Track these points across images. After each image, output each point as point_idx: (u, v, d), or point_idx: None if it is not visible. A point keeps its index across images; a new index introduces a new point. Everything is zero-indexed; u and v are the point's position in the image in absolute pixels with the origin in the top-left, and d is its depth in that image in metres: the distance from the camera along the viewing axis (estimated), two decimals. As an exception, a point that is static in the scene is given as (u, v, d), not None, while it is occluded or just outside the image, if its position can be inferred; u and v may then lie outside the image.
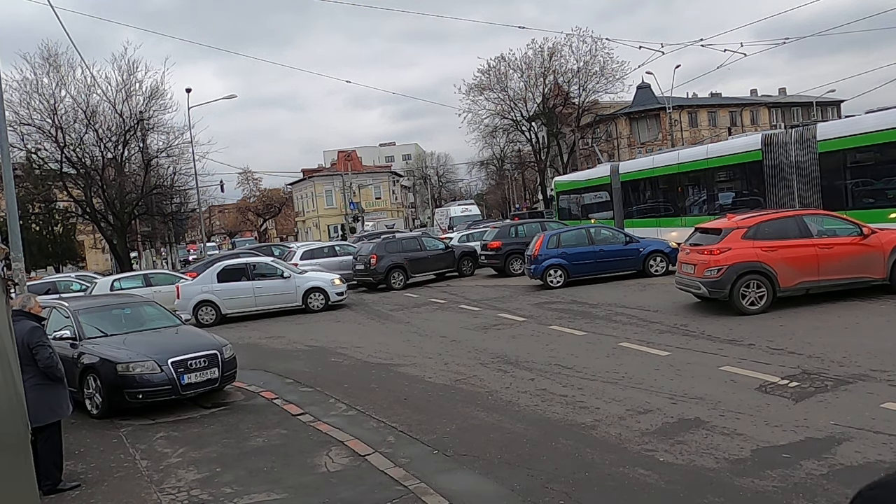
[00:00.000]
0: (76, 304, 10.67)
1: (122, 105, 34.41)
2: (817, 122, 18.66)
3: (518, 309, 15.27)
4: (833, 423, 6.23)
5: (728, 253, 11.75)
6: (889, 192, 14.84)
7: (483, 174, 79.45)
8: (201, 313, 18.06)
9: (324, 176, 75.67)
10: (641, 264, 18.47)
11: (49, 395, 6.37)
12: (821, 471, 5.30)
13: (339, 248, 27.18)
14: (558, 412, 7.54)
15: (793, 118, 57.05)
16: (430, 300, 18.76)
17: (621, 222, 24.83)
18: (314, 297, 18.82)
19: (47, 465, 6.30)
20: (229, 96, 61.38)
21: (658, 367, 8.94)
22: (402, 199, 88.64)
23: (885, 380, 7.32)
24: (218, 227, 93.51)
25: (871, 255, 11.75)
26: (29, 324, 6.45)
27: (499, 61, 51.79)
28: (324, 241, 48.74)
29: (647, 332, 11.30)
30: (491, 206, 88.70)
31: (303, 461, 6.78)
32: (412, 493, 5.68)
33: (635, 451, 6.17)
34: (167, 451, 7.57)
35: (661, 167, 23.34)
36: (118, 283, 20.78)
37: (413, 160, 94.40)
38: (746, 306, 11.63)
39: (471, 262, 24.15)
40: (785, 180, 17.63)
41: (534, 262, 18.41)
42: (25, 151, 33.66)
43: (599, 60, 49.45)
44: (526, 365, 9.91)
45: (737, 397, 7.32)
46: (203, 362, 9.19)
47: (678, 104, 51.93)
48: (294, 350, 13.59)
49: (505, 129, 54.98)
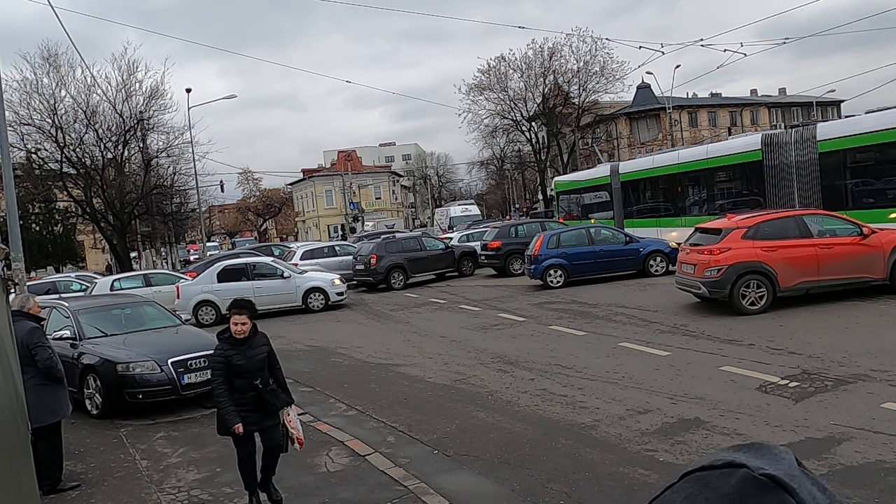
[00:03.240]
0: (76, 304, 10.67)
1: (122, 105, 34.47)
2: (817, 122, 18.67)
3: (518, 309, 15.27)
4: (833, 423, 6.24)
5: (728, 253, 11.75)
6: (889, 192, 14.83)
7: (483, 174, 79.49)
8: (201, 313, 18.05)
9: (324, 176, 75.63)
10: (641, 264, 18.47)
11: (49, 395, 6.36)
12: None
13: (339, 248, 27.19)
14: (558, 412, 7.54)
15: (793, 118, 57.03)
16: (430, 300, 18.76)
17: (621, 222, 24.83)
18: (314, 297, 18.82)
19: (47, 465, 6.30)
20: (229, 96, 61.08)
21: (658, 367, 8.94)
22: (402, 199, 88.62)
23: (885, 380, 7.32)
24: (218, 227, 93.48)
25: (871, 255, 11.75)
26: (28, 324, 6.44)
27: (499, 61, 51.81)
28: (324, 241, 48.74)
29: (647, 332, 11.30)
30: (491, 206, 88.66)
31: (303, 461, 6.77)
32: (412, 493, 5.69)
33: (635, 451, 6.17)
34: (167, 451, 7.57)
35: (661, 167, 23.34)
36: (118, 283, 20.78)
37: (413, 160, 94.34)
38: (746, 306, 11.63)
39: (471, 262, 24.15)
40: (785, 180, 17.63)
41: (534, 262, 18.41)
42: (25, 151, 33.65)
43: (599, 60, 49.46)
44: (526, 365, 9.91)
45: (737, 397, 7.32)
46: (203, 362, 9.17)
47: (678, 104, 51.89)
48: (294, 350, 13.57)
49: (505, 129, 54.97)
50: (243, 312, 5.37)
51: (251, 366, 5.36)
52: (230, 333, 5.40)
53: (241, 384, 5.33)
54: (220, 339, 5.46)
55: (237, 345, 5.35)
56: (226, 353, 5.34)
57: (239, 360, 5.31)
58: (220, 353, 5.37)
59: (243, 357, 5.33)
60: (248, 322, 5.37)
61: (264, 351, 5.50)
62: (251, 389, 5.35)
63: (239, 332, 5.34)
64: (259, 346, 5.46)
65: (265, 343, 5.54)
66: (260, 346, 5.47)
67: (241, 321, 5.34)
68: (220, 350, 5.39)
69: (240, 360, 5.32)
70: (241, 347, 5.34)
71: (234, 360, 5.30)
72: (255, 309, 5.67)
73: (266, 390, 5.39)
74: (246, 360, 5.33)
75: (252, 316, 5.46)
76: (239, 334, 5.34)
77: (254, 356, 5.39)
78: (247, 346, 5.36)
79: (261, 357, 5.43)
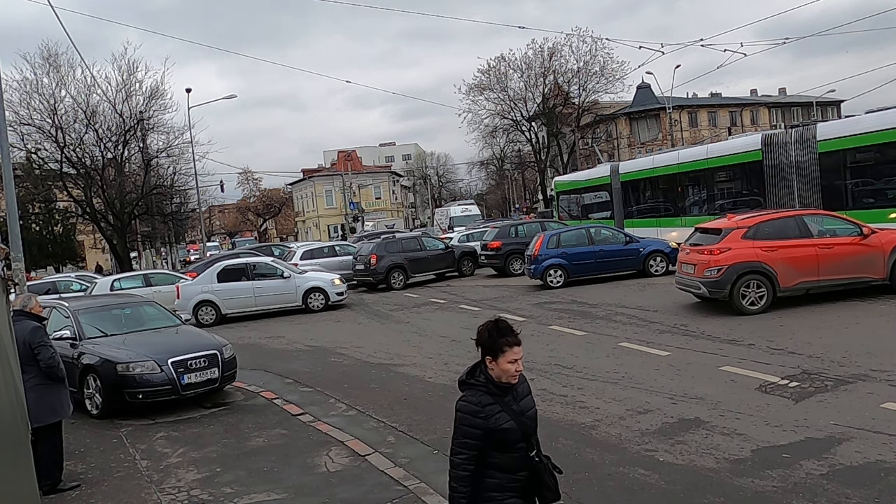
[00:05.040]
0: (76, 304, 10.67)
1: (122, 105, 34.51)
2: (817, 122, 18.66)
3: (518, 309, 15.27)
4: (833, 423, 6.24)
5: (728, 253, 11.75)
6: (889, 192, 14.83)
7: (483, 174, 79.63)
8: (201, 313, 18.06)
9: (324, 176, 75.71)
10: (641, 264, 18.47)
11: (50, 394, 6.37)
12: (821, 471, 5.31)
13: (339, 248, 27.20)
14: (558, 412, 7.54)
15: (793, 118, 57.04)
16: (430, 300, 18.76)
17: (621, 222, 24.84)
18: (314, 297, 18.82)
19: (47, 464, 6.30)
20: (229, 96, 61.37)
21: (658, 367, 8.94)
22: (402, 199, 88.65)
23: (885, 380, 7.32)
24: (218, 227, 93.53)
25: (871, 255, 11.75)
26: (30, 324, 6.45)
27: (499, 61, 51.93)
28: (324, 241, 48.75)
29: (647, 332, 11.30)
30: (491, 206, 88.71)
31: (303, 461, 6.78)
32: (412, 493, 5.69)
33: (635, 451, 6.17)
34: (167, 451, 7.57)
35: (661, 167, 23.35)
36: (118, 283, 20.79)
37: (413, 160, 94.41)
38: (746, 306, 11.63)
39: (471, 262, 24.17)
40: (785, 180, 17.63)
41: (534, 262, 18.41)
42: (25, 151, 33.68)
43: (599, 60, 49.60)
44: (526, 365, 9.83)
45: (737, 397, 7.32)
46: (203, 362, 9.19)
47: (678, 104, 51.94)
48: (294, 350, 13.59)
49: (505, 129, 55.07)
50: (520, 342, 3.22)
51: (524, 427, 3.21)
52: (487, 378, 3.18)
53: (506, 460, 3.18)
54: (469, 387, 3.22)
55: (500, 395, 3.18)
56: (485, 410, 3.12)
57: (505, 422, 3.14)
58: (478, 412, 3.11)
59: (510, 414, 3.16)
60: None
61: (531, 398, 3.36)
62: (523, 466, 3.23)
63: (513, 375, 3.19)
64: (526, 394, 3.33)
65: (524, 381, 3.35)
66: (526, 394, 3.33)
67: (519, 356, 3.20)
68: (474, 405, 3.13)
69: (506, 420, 3.14)
70: (506, 399, 3.19)
71: (499, 421, 3.12)
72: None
73: (544, 464, 3.30)
74: (515, 420, 3.17)
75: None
76: (513, 378, 3.19)
77: (523, 410, 3.24)
78: (511, 395, 3.22)
79: (532, 411, 3.31)
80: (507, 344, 3.14)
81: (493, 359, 3.15)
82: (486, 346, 3.18)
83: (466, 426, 3.14)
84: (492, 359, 3.15)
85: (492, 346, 3.16)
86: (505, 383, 3.18)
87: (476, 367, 3.25)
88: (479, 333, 3.22)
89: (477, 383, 3.19)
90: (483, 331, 3.20)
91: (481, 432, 3.10)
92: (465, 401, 3.18)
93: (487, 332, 3.19)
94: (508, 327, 3.20)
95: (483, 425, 3.10)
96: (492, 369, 3.17)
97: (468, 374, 3.26)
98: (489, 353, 3.17)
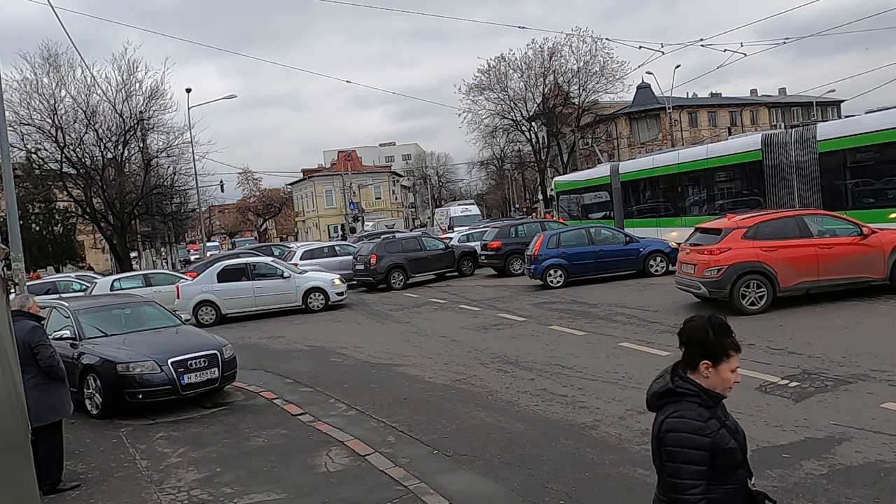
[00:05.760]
0: (76, 304, 10.67)
1: (122, 105, 34.51)
2: (817, 122, 18.66)
3: (518, 309, 15.27)
4: (833, 423, 6.24)
5: (728, 253, 11.75)
6: (889, 192, 14.83)
7: (483, 174, 79.62)
8: (201, 313, 18.07)
9: (324, 176, 75.72)
10: (641, 264, 18.48)
11: (50, 394, 6.38)
12: (821, 471, 5.31)
13: (339, 248, 27.20)
14: (558, 412, 7.54)
15: (793, 118, 57.09)
16: (430, 300, 18.76)
17: (621, 222, 24.84)
18: (314, 297, 18.82)
19: (48, 464, 6.30)
20: (229, 96, 61.33)
21: (658, 367, 8.82)
22: (402, 199, 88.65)
23: (885, 380, 7.32)
24: (218, 227, 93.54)
25: (871, 255, 11.75)
26: (29, 324, 6.46)
27: (499, 61, 51.90)
28: (324, 241, 48.75)
29: (647, 332, 11.30)
30: (491, 206, 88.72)
31: (303, 461, 6.78)
32: (412, 493, 5.69)
33: (635, 451, 6.17)
34: (167, 451, 7.56)
35: (661, 167, 23.35)
36: (118, 283, 20.79)
37: (413, 160, 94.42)
38: (746, 306, 11.63)
39: (471, 262, 24.17)
40: (785, 180, 17.63)
41: (534, 262, 18.42)
42: (25, 151, 33.68)
43: (599, 60, 49.56)
44: (526, 365, 9.91)
45: (737, 397, 7.27)
46: (203, 362, 9.19)
47: (678, 104, 51.95)
48: (294, 350, 13.59)
49: (505, 129, 55.05)
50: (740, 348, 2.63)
51: (743, 448, 2.64)
52: (700, 389, 2.56)
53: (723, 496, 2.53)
54: (680, 398, 2.57)
55: (713, 407, 2.58)
56: (709, 425, 2.52)
57: (729, 441, 2.55)
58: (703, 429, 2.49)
59: (729, 432, 2.58)
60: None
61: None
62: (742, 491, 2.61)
63: (731, 388, 2.62)
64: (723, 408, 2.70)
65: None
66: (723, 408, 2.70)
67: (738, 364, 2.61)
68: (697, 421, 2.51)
69: (729, 439, 2.56)
70: (718, 413, 2.60)
71: (724, 440, 2.54)
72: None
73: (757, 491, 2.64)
74: (734, 438, 2.59)
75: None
76: (730, 390, 2.62)
77: (737, 426, 2.68)
78: (722, 408, 2.65)
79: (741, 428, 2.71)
80: (732, 347, 2.57)
81: (712, 364, 2.55)
82: (707, 348, 2.56)
83: (692, 449, 2.46)
84: (710, 364, 2.55)
85: (715, 349, 2.55)
86: (718, 394, 2.58)
87: (674, 372, 2.63)
88: (695, 330, 2.60)
89: (689, 392, 2.55)
90: (703, 327, 2.58)
91: (708, 454, 2.47)
92: (684, 417, 2.51)
93: (711, 329, 2.56)
94: (730, 327, 2.62)
95: (709, 445, 2.47)
96: (706, 376, 2.56)
97: (678, 383, 2.58)
98: (710, 356, 2.55)
